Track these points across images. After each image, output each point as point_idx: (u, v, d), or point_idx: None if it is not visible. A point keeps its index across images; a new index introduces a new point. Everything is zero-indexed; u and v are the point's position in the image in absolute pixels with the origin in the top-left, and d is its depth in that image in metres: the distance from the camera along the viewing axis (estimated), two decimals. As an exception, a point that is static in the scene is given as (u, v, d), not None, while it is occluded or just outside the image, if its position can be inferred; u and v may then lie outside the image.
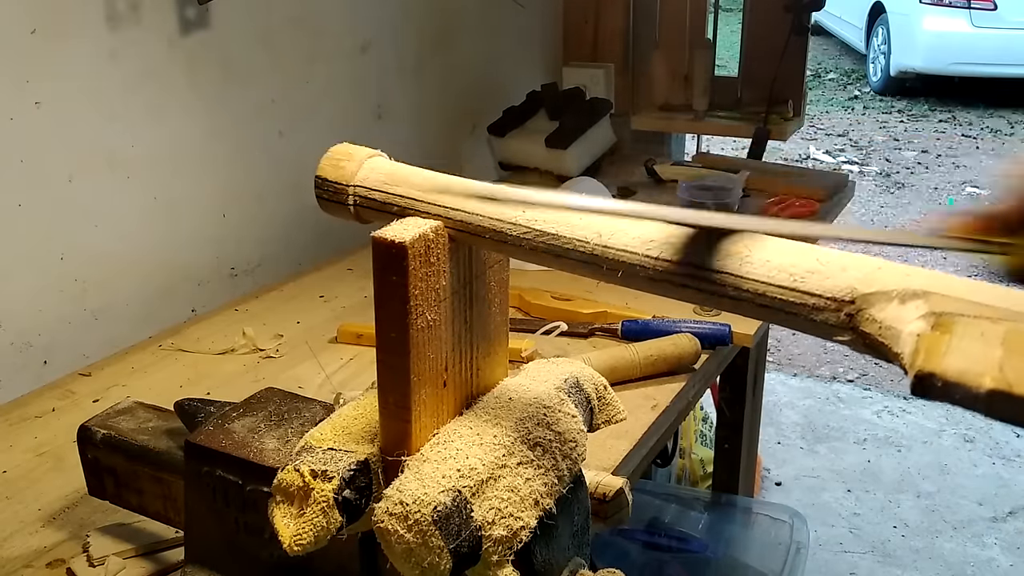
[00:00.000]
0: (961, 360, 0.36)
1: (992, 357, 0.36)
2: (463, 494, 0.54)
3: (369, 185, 0.60)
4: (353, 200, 0.60)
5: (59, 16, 1.23)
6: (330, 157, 0.62)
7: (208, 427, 0.69)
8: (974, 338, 0.37)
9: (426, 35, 1.94)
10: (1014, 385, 0.35)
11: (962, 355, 0.37)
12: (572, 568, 0.62)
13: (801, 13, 2.17)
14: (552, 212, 0.54)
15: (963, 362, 0.36)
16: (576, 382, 0.66)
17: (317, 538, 0.57)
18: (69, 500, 0.99)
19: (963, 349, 0.37)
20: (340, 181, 0.61)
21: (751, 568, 1.73)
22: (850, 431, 3.06)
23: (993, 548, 2.49)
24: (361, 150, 0.62)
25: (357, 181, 0.60)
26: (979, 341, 0.37)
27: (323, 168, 0.61)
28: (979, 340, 0.37)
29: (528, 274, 1.49)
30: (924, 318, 0.40)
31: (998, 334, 0.37)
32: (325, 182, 0.61)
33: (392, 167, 0.61)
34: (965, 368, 0.36)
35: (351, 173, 0.61)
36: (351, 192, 0.60)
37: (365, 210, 0.61)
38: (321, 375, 1.25)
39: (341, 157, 0.61)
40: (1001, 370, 0.35)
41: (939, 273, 0.43)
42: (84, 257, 1.32)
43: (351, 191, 0.60)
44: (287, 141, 1.61)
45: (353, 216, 0.61)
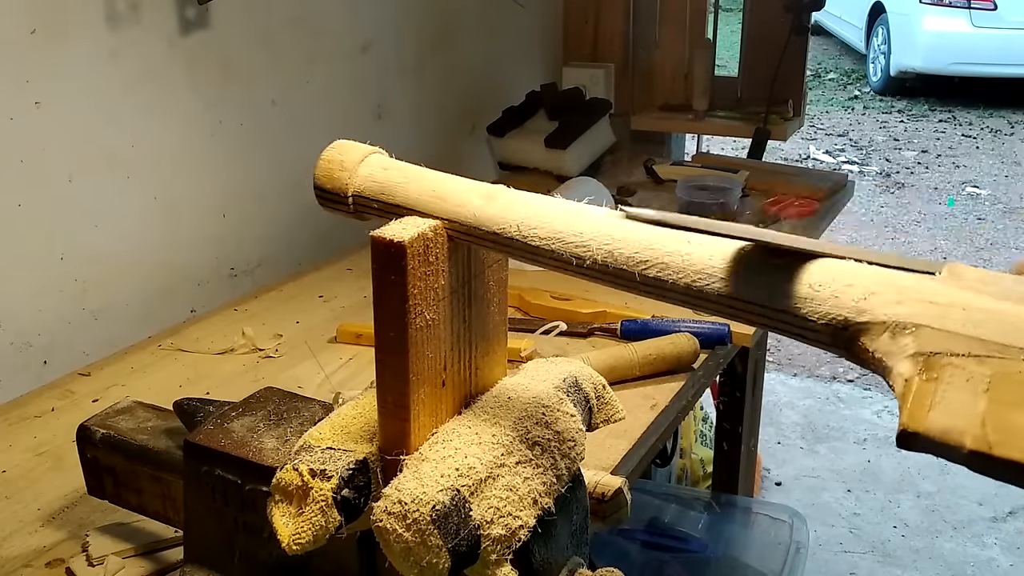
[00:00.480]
0: (945, 417, 0.37)
1: (976, 412, 0.37)
2: (462, 493, 0.54)
3: (368, 183, 0.60)
4: (352, 197, 0.60)
5: (59, 16, 1.23)
6: (329, 153, 0.61)
7: (207, 427, 0.69)
8: (960, 385, 0.38)
9: (426, 35, 1.94)
10: (994, 446, 0.36)
11: (946, 410, 0.38)
12: (571, 567, 0.62)
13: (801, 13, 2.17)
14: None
15: (947, 420, 0.37)
16: (575, 381, 0.66)
17: (316, 537, 0.57)
18: (68, 500, 0.99)
19: (948, 401, 0.38)
20: (339, 178, 0.61)
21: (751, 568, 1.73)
22: (850, 431, 3.06)
23: (993, 548, 2.49)
24: (360, 147, 0.62)
25: (356, 178, 0.60)
26: (965, 389, 0.38)
27: (322, 165, 0.61)
28: (965, 388, 0.38)
29: (528, 274, 1.49)
30: (913, 358, 0.40)
31: (985, 378, 0.38)
32: (324, 180, 0.61)
33: (391, 164, 0.61)
34: (948, 427, 0.37)
35: (350, 170, 0.61)
36: (350, 189, 0.60)
37: (363, 207, 0.61)
38: (320, 375, 1.25)
39: (340, 154, 0.61)
40: (983, 427, 0.36)
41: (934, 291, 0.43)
42: (84, 257, 1.32)
43: (350, 188, 0.60)
44: (287, 141, 1.61)
45: (352, 213, 0.61)
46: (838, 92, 7.94)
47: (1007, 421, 0.36)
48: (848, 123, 7.05)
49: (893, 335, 0.42)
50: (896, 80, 7.64)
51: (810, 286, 0.46)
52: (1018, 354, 0.39)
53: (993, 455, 0.36)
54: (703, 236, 0.51)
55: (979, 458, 0.36)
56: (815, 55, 8.74)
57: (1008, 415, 0.37)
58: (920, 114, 7.26)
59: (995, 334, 0.40)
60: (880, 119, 7.15)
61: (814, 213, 1.87)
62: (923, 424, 0.38)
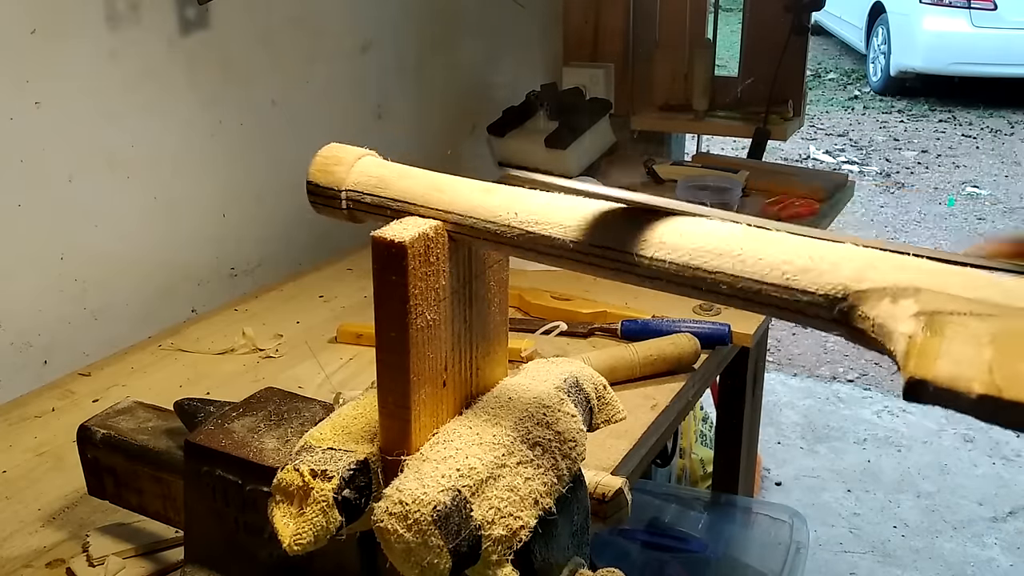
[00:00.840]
0: (951, 365, 0.37)
1: (982, 360, 0.37)
2: (463, 493, 0.54)
3: (361, 186, 0.60)
4: (346, 202, 0.60)
5: (59, 16, 1.23)
6: (321, 158, 0.62)
7: (208, 427, 0.69)
8: (964, 340, 0.38)
9: (426, 35, 1.94)
10: (1003, 390, 0.36)
11: (952, 359, 0.37)
12: (571, 568, 0.62)
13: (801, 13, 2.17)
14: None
15: (953, 367, 0.37)
16: (575, 382, 0.66)
17: (316, 538, 0.57)
18: (69, 500, 0.99)
19: (953, 352, 0.38)
20: (332, 182, 0.61)
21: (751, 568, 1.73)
22: (850, 431, 3.06)
23: (993, 548, 2.49)
24: (352, 150, 0.62)
25: (349, 182, 0.61)
26: (970, 343, 0.38)
27: (314, 170, 0.61)
28: (970, 341, 0.38)
29: (528, 274, 1.49)
30: (915, 317, 0.40)
31: (988, 332, 0.38)
32: (317, 184, 0.61)
33: (383, 167, 0.61)
34: (956, 374, 0.37)
35: (343, 174, 0.61)
36: (343, 193, 0.60)
37: (358, 211, 0.61)
38: (321, 375, 1.25)
39: (332, 158, 0.61)
40: (991, 373, 0.36)
41: (932, 265, 0.43)
42: (84, 257, 1.32)
43: (343, 192, 0.60)
44: (287, 141, 1.61)
45: (346, 217, 0.61)
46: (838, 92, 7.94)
47: (1014, 368, 0.36)
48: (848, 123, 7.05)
49: (894, 299, 0.41)
50: (896, 80, 7.64)
51: (809, 258, 0.46)
52: (1019, 313, 0.39)
53: (1003, 398, 0.35)
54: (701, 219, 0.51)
55: (989, 402, 0.36)
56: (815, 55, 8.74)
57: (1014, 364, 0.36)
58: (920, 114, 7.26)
59: (996, 296, 0.40)
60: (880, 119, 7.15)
61: (814, 213, 1.87)
62: (931, 371, 0.37)
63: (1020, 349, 0.37)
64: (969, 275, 0.42)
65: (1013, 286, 0.40)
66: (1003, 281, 0.41)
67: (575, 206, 0.54)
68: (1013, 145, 6.48)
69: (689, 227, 0.50)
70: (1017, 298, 0.40)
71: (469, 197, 0.57)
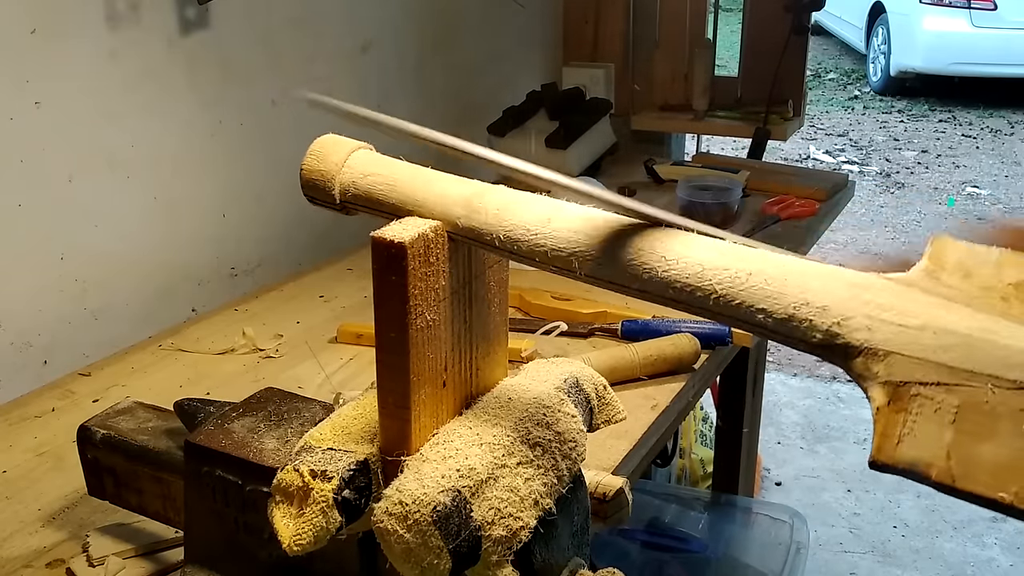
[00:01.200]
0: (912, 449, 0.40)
1: (942, 444, 0.40)
2: (463, 494, 0.54)
3: (355, 178, 0.60)
4: (339, 194, 0.60)
5: (59, 16, 1.23)
6: (316, 149, 0.62)
7: (208, 427, 0.69)
8: (928, 416, 0.41)
9: (426, 35, 1.94)
10: (957, 479, 0.39)
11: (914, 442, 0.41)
12: (572, 568, 0.62)
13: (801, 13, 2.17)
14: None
15: (914, 452, 0.40)
16: (576, 382, 0.66)
17: (316, 538, 0.57)
18: (69, 500, 0.99)
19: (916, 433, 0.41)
20: (326, 174, 0.61)
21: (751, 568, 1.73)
22: (850, 431, 3.06)
23: (993, 548, 2.49)
24: (347, 142, 0.62)
25: (343, 174, 0.61)
26: (933, 421, 0.40)
27: (308, 160, 0.61)
28: (933, 420, 0.41)
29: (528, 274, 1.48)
30: (884, 387, 0.42)
31: (952, 408, 0.40)
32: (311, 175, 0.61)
33: (377, 159, 0.61)
34: (916, 459, 0.40)
35: (336, 165, 0.61)
36: (336, 185, 0.60)
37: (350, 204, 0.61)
38: (321, 375, 1.25)
39: (327, 149, 0.61)
40: (948, 459, 0.39)
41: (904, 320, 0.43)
42: (84, 257, 1.32)
43: (336, 184, 0.60)
44: (287, 141, 1.61)
45: (339, 209, 0.61)
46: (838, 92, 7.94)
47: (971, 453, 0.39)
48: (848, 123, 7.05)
49: (866, 361, 0.43)
50: (896, 80, 7.64)
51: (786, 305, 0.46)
52: (985, 381, 0.40)
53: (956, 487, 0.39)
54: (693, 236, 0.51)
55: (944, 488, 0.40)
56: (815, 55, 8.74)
57: (972, 447, 0.39)
58: (920, 114, 7.26)
59: (965, 360, 0.41)
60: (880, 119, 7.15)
61: (814, 213, 1.87)
62: (892, 456, 0.41)
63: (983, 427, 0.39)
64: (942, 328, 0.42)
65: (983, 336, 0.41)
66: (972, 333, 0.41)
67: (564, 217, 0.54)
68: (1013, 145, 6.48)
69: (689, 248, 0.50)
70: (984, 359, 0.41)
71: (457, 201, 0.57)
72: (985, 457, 0.39)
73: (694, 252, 0.49)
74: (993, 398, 0.39)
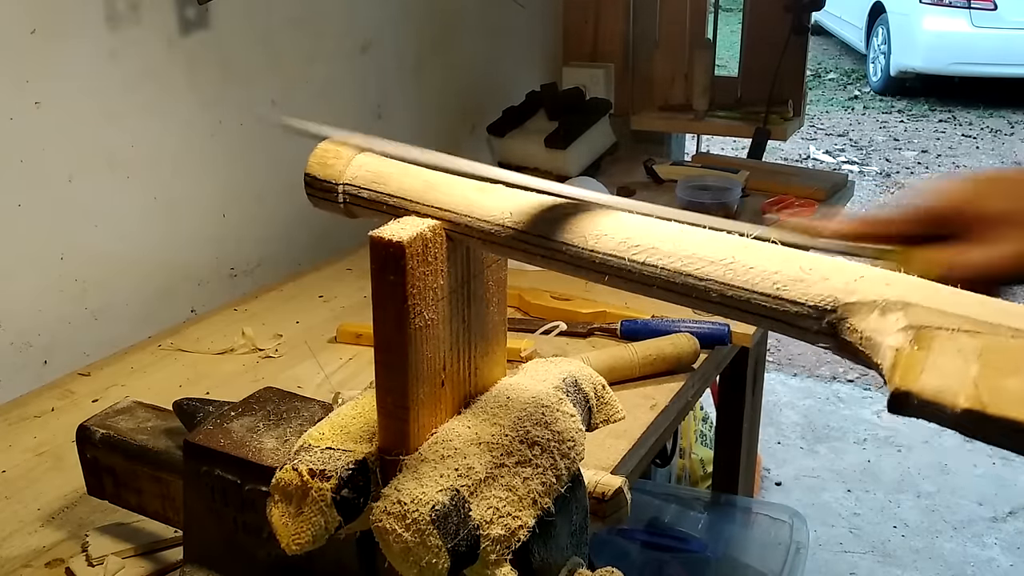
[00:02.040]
0: (937, 378, 0.37)
1: (968, 375, 0.37)
2: (461, 493, 0.54)
3: (358, 181, 0.60)
4: (342, 195, 0.61)
5: (59, 16, 1.23)
6: (320, 151, 0.62)
7: (207, 427, 0.69)
8: (951, 354, 0.38)
9: (426, 35, 1.94)
10: (988, 405, 0.36)
11: (938, 373, 0.37)
12: (570, 567, 0.62)
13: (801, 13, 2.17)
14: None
15: (939, 380, 0.37)
16: (574, 381, 0.66)
17: (315, 537, 0.57)
18: (68, 500, 0.99)
19: (940, 366, 0.38)
20: (330, 176, 0.61)
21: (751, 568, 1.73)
22: (850, 431, 3.06)
23: (993, 548, 2.49)
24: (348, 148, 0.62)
25: (347, 176, 0.61)
26: (956, 357, 0.38)
27: (313, 162, 0.61)
28: (956, 356, 0.38)
29: (527, 274, 1.49)
30: (903, 331, 0.40)
31: (975, 348, 0.38)
32: (315, 177, 0.61)
33: (380, 162, 0.61)
34: (941, 387, 0.37)
35: (341, 168, 0.61)
36: (340, 187, 0.61)
37: (354, 206, 0.61)
38: (320, 375, 1.25)
39: (331, 151, 0.62)
40: (976, 388, 0.36)
41: (920, 281, 0.43)
42: (84, 257, 1.32)
43: (340, 186, 0.61)
44: (287, 141, 1.61)
45: (343, 211, 0.62)
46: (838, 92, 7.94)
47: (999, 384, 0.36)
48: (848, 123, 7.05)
49: (883, 312, 0.42)
50: (896, 80, 7.64)
51: (800, 268, 0.46)
52: (1006, 331, 0.39)
53: (987, 413, 0.35)
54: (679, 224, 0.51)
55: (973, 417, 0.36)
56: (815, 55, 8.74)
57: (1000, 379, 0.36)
58: (920, 114, 7.26)
59: (985, 314, 0.40)
60: (880, 119, 7.15)
61: (814, 213, 1.87)
62: (916, 383, 0.37)
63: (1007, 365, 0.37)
64: (960, 294, 0.42)
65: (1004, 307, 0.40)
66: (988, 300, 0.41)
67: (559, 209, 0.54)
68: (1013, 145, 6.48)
69: (683, 235, 0.50)
70: (1007, 317, 0.40)
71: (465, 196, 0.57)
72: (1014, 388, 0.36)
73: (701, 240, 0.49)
74: (1015, 343, 0.38)
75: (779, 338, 3.66)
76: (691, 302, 0.49)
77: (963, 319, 0.40)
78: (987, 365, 0.37)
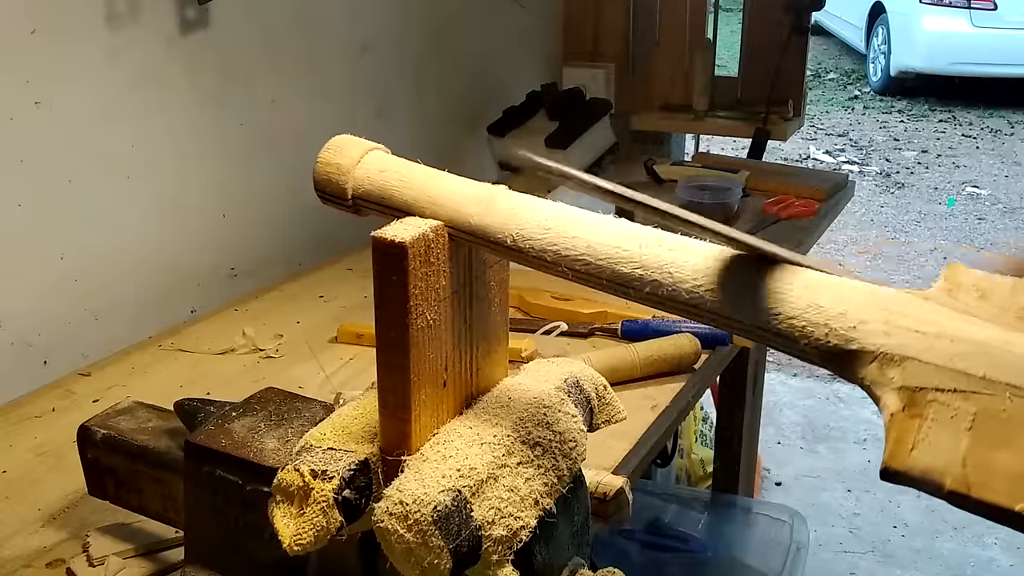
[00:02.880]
0: (927, 456, 0.39)
1: (957, 451, 0.38)
2: (463, 494, 0.54)
3: (368, 179, 0.60)
4: (351, 194, 0.60)
5: (59, 16, 1.23)
6: (330, 149, 0.61)
7: (208, 427, 0.69)
8: (944, 424, 0.39)
9: (426, 35, 1.94)
10: (972, 488, 0.38)
11: (928, 449, 0.39)
12: (572, 567, 0.62)
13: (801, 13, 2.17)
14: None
15: (929, 458, 0.39)
16: (576, 382, 0.66)
17: (317, 538, 0.57)
18: (69, 500, 0.99)
19: (931, 440, 0.39)
20: (338, 174, 0.61)
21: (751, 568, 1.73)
22: (850, 431, 3.06)
23: (993, 548, 2.49)
24: (361, 143, 0.62)
25: (355, 175, 0.60)
26: (948, 428, 0.39)
27: (322, 160, 0.61)
28: (948, 427, 0.39)
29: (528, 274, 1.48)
30: (899, 392, 0.41)
31: (969, 414, 0.39)
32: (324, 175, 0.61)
33: (391, 162, 0.61)
34: (929, 467, 0.39)
35: (350, 166, 0.61)
36: (349, 185, 0.60)
37: (362, 204, 0.60)
38: (321, 375, 1.25)
39: (340, 149, 0.61)
40: (964, 467, 0.38)
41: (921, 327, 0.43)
42: (84, 257, 1.32)
43: (349, 184, 0.60)
44: (287, 141, 1.61)
45: (351, 210, 0.61)
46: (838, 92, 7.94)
47: (988, 461, 0.38)
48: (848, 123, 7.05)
49: (881, 367, 0.42)
50: (896, 80, 7.64)
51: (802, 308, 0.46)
52: (1003, 390, 0.39)
53: (971, 496, 0.38)
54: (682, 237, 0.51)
55: (958, 498, 0.38)
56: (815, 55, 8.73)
57: (989, 455, 0.38)
58: (920, 114, 7.26)
59: (981, 367, 0.40)
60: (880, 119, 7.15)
61: (814, 213, 1.87)
62: (905, 463, 0.39)
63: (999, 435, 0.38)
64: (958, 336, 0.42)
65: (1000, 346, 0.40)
66: (990, 341, 0.41)
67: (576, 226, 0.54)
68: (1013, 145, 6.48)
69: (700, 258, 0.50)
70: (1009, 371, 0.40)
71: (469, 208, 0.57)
72: (1002, 466, 0.37)
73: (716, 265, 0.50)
74: (1011, 407, 0.38)
75: (779, 338, 3.66)
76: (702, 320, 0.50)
77: (960, 376, 0.40)
78: (979, 436, 0.38)
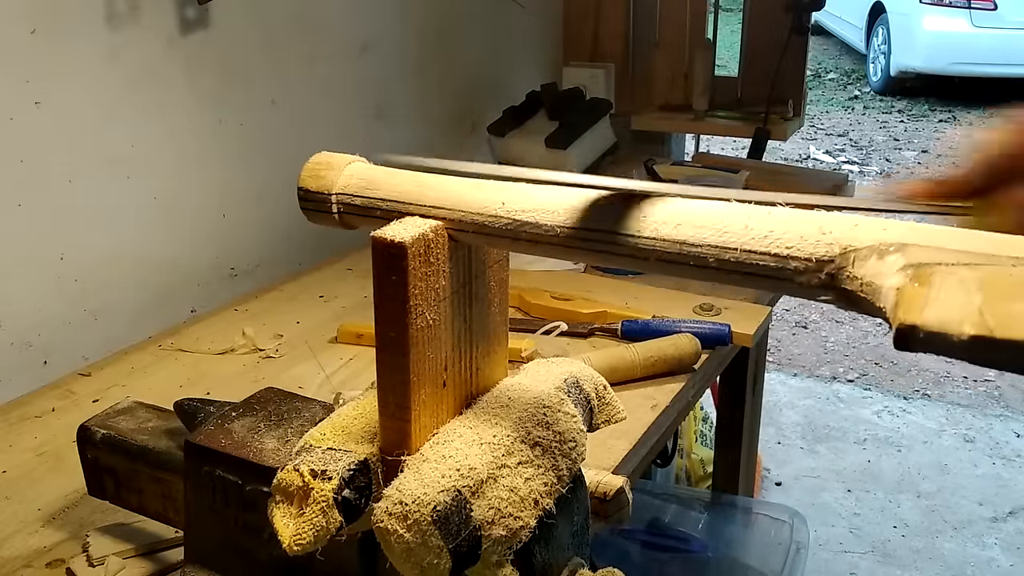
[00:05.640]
0: (941, 310, 0.36)
1: (971, 304, 0.36)
2: (463, 494, 0.54)
3: (351, 189, 0.61)
4: (336, 205, 0.61)
5: (59, 16, 1.23)
6: (311, 164, 0.62)
7: (208, 427, 0.69)
8: (953, 287, 0.37)
9: (426, 35, 1.94)
10: (995, 329, 0.35)
11: (941, 305, 0.37)
12: (572, 568, 0.62)
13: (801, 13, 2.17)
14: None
15: (943, 312, 0.36)
16: (576, 382, 0.66)
17: (316, 538, 0.57)
18: (69, 500, 0.99)
19: (942, 299, 0.37)
20: (322, 187, 0.61)
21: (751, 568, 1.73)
22: (850, 431, 3.06)
23: (993, 548, 2.49)
24: (341, 157, 0.63)
25: (339, 186, 0.61)
26: (958, 289, 0.37)
27: (304, 178, 0.62)
28: (958, 288, 0.37)
29: (528, 274, 1.49)
30: (903, 271, 0.40)
31: (977, 280, 0.37)
32: (308, 192, 0.62)
33: (371, 171, 0.61)
34: (945, 317, 0.36)
35: (332, 181, 0.61)
36: (334, 200, 0.61)
37: (349, 216, 0.61)
38: (321, 375, 1.25)
39: (322, 164, 0.62)
40: (981, 315, 0.35)
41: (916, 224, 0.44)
42: (84, 257, 1.32)
43: (333, 196, 0.61)
44: (287, 141, 1.61)
45: (338, 222, 0.62)
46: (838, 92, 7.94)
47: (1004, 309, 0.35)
48: (848, 123, 7.05)
49: (881, 256, 0.42)
50: (896, 80, 7.64)
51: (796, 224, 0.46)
52: (1007, 261, 0.38)
53: (995, 338, 0.35)
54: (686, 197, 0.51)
55: (981, 343, 0.35)
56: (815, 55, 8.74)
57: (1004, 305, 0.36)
58: (920, 114, 7.26)
59: (984, 247, 0.40)
60: (880, 119, 7.15)
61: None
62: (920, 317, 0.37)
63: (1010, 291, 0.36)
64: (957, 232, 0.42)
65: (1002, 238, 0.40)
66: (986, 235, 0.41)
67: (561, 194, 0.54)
68: (1013, 145, 6.47)
69: (674, 206, 0.50)
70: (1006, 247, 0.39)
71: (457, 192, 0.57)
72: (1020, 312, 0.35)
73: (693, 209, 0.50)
74: (1016, 271, 0.37)
75: (779, 338, 3.66)
76: (690, 271, 0.49)
77: (962, 253, 0.39)
78: (990, 294, 0.36)
